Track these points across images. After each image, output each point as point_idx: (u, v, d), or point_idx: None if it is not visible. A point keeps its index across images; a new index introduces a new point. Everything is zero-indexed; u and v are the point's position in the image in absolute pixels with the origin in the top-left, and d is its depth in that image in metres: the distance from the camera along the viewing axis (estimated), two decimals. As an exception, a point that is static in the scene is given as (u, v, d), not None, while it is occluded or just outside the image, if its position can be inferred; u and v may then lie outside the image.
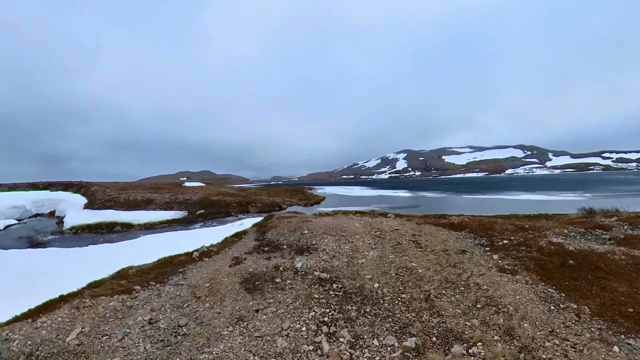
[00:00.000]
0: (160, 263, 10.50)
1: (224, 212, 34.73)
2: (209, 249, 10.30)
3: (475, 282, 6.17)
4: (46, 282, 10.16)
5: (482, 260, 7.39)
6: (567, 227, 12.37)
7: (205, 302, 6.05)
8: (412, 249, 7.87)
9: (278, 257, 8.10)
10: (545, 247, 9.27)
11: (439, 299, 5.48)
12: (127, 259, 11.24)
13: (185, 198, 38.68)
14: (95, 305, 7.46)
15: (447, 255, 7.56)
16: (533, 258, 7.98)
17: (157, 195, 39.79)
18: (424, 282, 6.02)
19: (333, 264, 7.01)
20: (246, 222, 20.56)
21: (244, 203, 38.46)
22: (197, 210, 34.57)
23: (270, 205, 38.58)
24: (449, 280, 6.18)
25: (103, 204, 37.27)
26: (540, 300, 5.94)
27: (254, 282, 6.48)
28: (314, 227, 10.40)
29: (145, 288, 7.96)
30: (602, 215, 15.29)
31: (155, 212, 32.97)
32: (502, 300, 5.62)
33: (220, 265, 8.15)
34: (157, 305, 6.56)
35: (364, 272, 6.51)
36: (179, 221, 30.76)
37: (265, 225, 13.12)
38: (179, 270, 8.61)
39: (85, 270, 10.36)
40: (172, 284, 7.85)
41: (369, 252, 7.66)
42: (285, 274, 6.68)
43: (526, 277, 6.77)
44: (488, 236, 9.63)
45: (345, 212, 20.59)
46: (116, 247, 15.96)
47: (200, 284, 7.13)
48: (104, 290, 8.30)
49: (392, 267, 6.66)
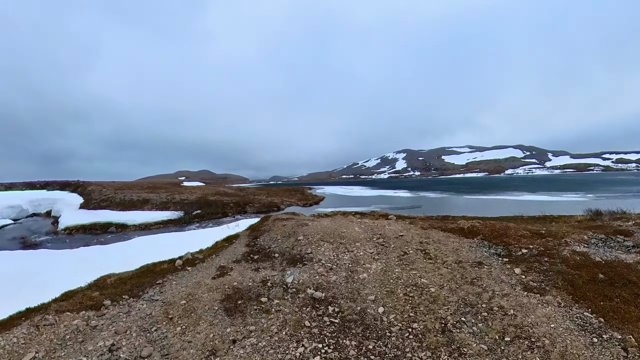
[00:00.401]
0: (142, 271, 9.65)
1: (220, 212, 33.94)
2: (194, 257, 9.31)
3: (499, 305, 5.18)
4: (31, 286, 9.71)
5: (503, 275, 6.39)
6: (586, 232, 11.40)
7: (178, 324, 5.06)
8: (420, 260, 6.86)
9: (268, 267, 7.11)
10: (570, 257, 8.30)
11: (458, 330, 4.48)
12: (114, 263, 11.08)
13: (182, 198, 37.89)
14: (58, 324, 6.53)
15: (461, 268, 6.56)
16: (559, 272, 7.01)
17: (153, 195, 39.01)
18: (438, 305, 5.02)
19: (329, 279, 6.00)
20: (242, 223, 19.99)
21: (242, 203, 37.62)
22: (194, 210, 33.77)
23: (268, 206, 37.74)
24: (468, 302, 5.19)
25: (99, 203, 36.65)
26: (578, 329, 4.96)
27: (236, 300, 5.50)
28: (310, 232, 9.41)
29: (116, 303, 7.03)
30: (610, 217, 14.61)
31: (151, 213, 32.30)
32: (534, 330, 4.63)
33: (203, 277, 7.16)
34: (123, 327, 5.59)
35: (365, 291, 5.47)
36: (175, 222, 30.10)
37: (259, 229, 12.15)
38: (157, 282, 7.63)
39: (71, 275, 9.92)
40: (146, 298, 6.89)
41: (371, 264, 6.65)
42: (273, 291, 5.68)
43: (557, 297, 5.78)
44: (504, 244, 8.64)
45: (344, 213, 19.59)
46: (106, 250, 15.40)
47: (177, 300, 6.15)
48: (72, 304, 7.47)
49: (399, 285, 5.64)
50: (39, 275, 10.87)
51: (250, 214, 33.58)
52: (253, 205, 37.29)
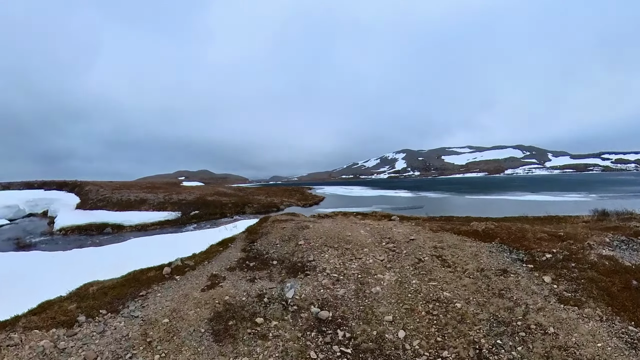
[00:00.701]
0: (127, 279, 8.87)
1: (219, 213, 33.22)
2: (184, 263, 8.47)
3: (536, 322, 4.39)
4: (16, 292, 9.28)
5: (533, 285, 5.60)
6: (606, 234, 10.67)
7: (157, 351, 4.25)
8: (438, 268, 6.05)
9: (265, 277, 6.29)
10: (598, 262, 7.53)
11: (495, 356, 3.69)
12: (103, 268, 10.78)
13: (180, 198, 37.10)
14: (23, 344, 5.76)
15: (485, 277, 5.76)
16: (591, 279, 6.24)
17: (151, 195, 38.24)
18: (467, 324, 4.22)
19: (336, 293, 5.16)
20: (241, 224, 19.41)
21: (241, 203, 36.86)
22: (191, 211, 33.04)
23: (267, 206, 36.98)
24: (500, 319, 4.40)
25: (95, 204, 36.02)
26: (628, 347, 4.19)
27: (227, 320, 4.68)
28: (311, 236, 8.59)
29: (91, 320, 6.24)
30: (618, 218, 14.23)
31: (148, 213, 31.66)
32: (582, 352, 3.86)
33: (191, 289, 6.33)
34: (94, 352, 4.76)
35: (381, 308, 4.62)
36: (172, 222, 29.54)
37: (257, 231, 11.33)
38: (140, 294, 6.81)
39: (57, 280, 9.57)
40: (125, 314, 6.06)
41: (383, 274, 5.82)
42: (270, 309, 4.87)
43: (596, 309, 5.01)
44: (525, 248, 7.84)
45: (345, 214, 18.81)
46: (99, 253, 14.93)
47: (159, 317, 5.33)
48: (44, 319, 6.74)
49: (419, 300, 4.81)
50: (26, 280, 10.60)
51: (249, 214, 32.82)
52: (252, 205, 36.51)
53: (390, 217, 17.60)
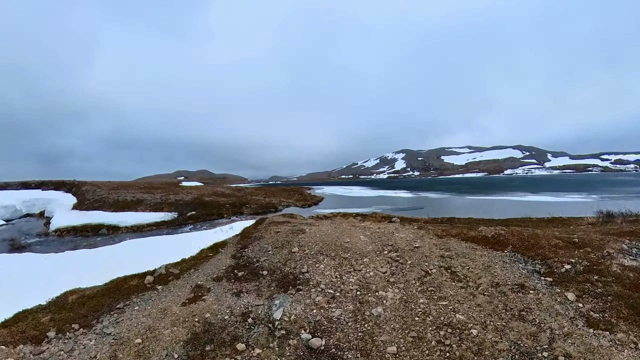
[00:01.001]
0: (108, 288, 8.29)
1: (216, 213, 32.68)
2: (169, 271, 7.80)
3: (564, 352, 3.72)
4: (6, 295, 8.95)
5: (556, 304, 4.92)
6: (622, 240, 10.00)
7: (120, 383, 3.61)
8: (448, 283, 5.36)
9: (252, 291, 5.61)
10: (622, 274, 6.85)
11: (523, 401, 3.04)
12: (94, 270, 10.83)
13: (177, 198, 36.51)
14: None
15: (501, 294, 5.08)
16: (619, 296, 5.56)
17: (148, 196, 37.66)
18: (486, 357, 3.55)
19: (331, 315, 4.46)
20: (237, 225, 18.99)
21: (238, 204, 36.25)
22: (188, 211, 32.47)
23: (265, 207, 36.37)
24: (523, 349, 3.73)
25: (92, 204, 35.47)
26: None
27: (205, 344, 4.02)
28: (306, 242, 7.92)
29: (61, 336, 5.64)
30: (623, 220, 13.73)
31: (144, 214, 31.13)
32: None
33: (172, 302, 5.66)
34: (52, 379, 4.12)
35: (382, 336, 3.91)
36: (168, 223, 29.05)
37: (249, 236, 10.68)
38: (118, 306, 6.15)
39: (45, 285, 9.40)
40: (97, 331, 5.41)
41: (386, 290, 5.12)
42: (255, 332, 4.20)
43: (629, 334, 4.33)
44: (540, 257, 7.16)
45: (345, 215, 18.18)
46: (91, 255, 14.63)
47: (131, 337, 4.67)
48: (13, 333, 6.30)
49: (427, 325, 4.10)
50: (11, 285, 10.33)
51: (246, 215, 32.26)
52: (250, 206, 35.90)
53: (390, 218, 16.96)
